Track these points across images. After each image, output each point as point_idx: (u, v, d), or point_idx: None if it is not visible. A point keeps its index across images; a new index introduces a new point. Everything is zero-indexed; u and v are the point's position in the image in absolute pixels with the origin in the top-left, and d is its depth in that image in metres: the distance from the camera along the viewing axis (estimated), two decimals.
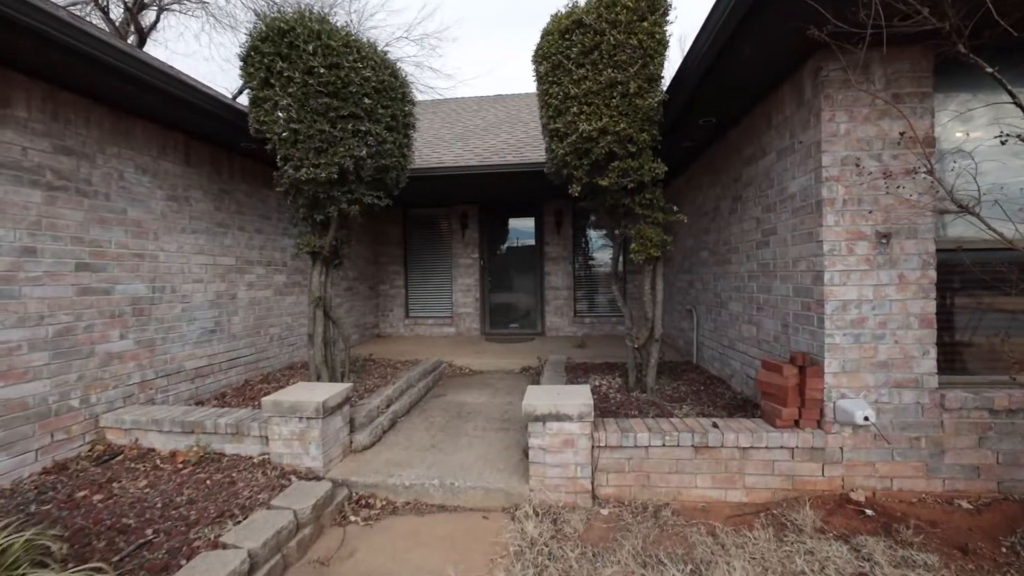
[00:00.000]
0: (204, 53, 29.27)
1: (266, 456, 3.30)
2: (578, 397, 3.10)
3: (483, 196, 8.23)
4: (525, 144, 7.11)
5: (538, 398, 3.10)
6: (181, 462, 3.22)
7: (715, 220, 4.94)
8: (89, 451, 3.36)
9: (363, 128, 3.96)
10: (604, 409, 3.82)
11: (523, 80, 31.27)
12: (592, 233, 8.53)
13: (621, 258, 4.74)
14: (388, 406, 4.41)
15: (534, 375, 6.02)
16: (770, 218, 3.67)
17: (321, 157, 3.82)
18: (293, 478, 3.08)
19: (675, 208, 3.74)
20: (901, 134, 2.71)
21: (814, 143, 3.01)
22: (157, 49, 10.41)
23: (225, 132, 4.40)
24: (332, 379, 4.75)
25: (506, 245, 8.89)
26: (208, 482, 2.96)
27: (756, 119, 3.86)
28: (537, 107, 4.09)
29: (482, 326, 8.62)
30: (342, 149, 3.86)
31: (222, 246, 4.82)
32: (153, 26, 11.64)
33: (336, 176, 3.90)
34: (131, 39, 10.71)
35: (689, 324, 5.89)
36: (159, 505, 2.65)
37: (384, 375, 5.37)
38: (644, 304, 4.15)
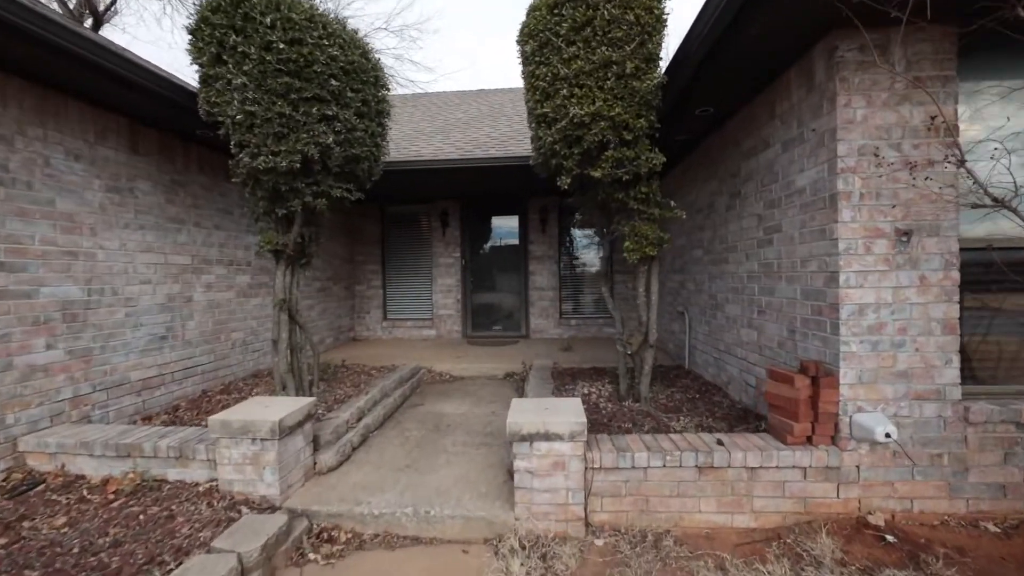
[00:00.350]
0: (168, 39, 27.60)
1: (214, 483, 2.89)
2: (569, 413, 2.77)
3: (465, 192, 7.86)
4: (509, 138, 6.77)
5: (524, 414, 2.76)
6: (113, 492, 2.79)
7: (710, 217, 4.68)
8: (3, 480, 2.90)
9: (330, 113, 3.56)
10: (595, 421, 3.51)
11: (506, 75, 30.84)
12: (578, 232, 8.24)
13: (611, 258, 4.43)
14: (359, 419, 4.02)
15: (518, 381, 5.69)
16: (774, 215, 3.40)
17: (281, 144, 3.41)
18: (244, 509, 2.68)
19: (672, 203, 3.44)
20: (933, 119, 2.45)
21: (828, 131, 2.73)
22: (117, 35, 9.74)
23: (178, 117, 3.95)
24: (299, 389, 4.34)
25: (489, 244, 8.54)
26: (141, 517, 2.54)
27: (757, 109, 3.59)
28: (522, 101, 3.77)
29: (464, 328, 8.25)
30: (305, 135, 3.46)
31: (175, 243, 4.36)
32: (109, 7, 10.89)
33: (299, 166, 3.49)
34: (87, 23, 10.02)
35: (680, 327, 5.63)
36: (75, 550, 2.23)
37: (358, 383, 4.97)
38: (637, 307, 3.85)
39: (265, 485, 2.80)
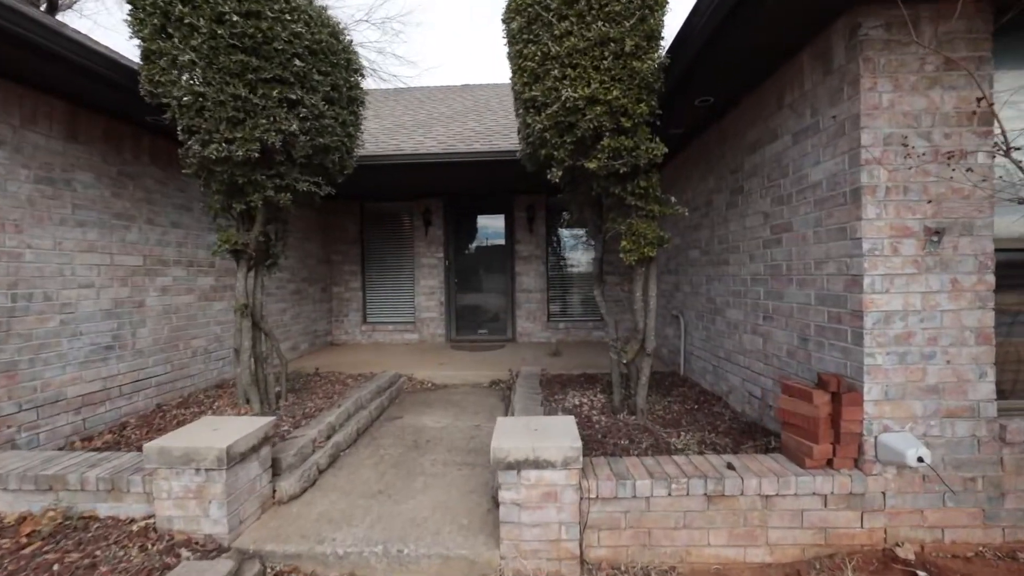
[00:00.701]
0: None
1: (151, 520, 2.49)
2: (562, 435, 2.44)
3: (448, 189, 7.50)
4: (494, 132, 6.43)
5: (511, 438, 2.42)
6: (29, 533, 2.38)
7: (708, 216, 4.40)
8: None
9: (294, 97, 3.19)
10: (588, 438, 3.19)
11: (493, 70, 30.36)
12: (567, 232, 7.93)
13: (603, 259, 4.13)
14: (329, 436, 3.64)
15: (505, 390, 5.35)
16: (782, 212, 3.12)
17: (237, 130, 3.03)
18: (184, 552, 2.30)
19: (673, 200, 3.14)
20: (979, 100, 2.17)
21: (849, 118, 2.45)
22: (79, 21, 9.14)
23: (125, 101, 3.49)
24: (263, 402, 3.95)
25: (474, 244, 8.18)
26: (56, 567, 2.14)
27: (763, 97, 3.31)
28: (510, 97, 3.43)
29: (447, 332, 7.88)
30: (265, 121, 3.08)
31: (123, 242, 3.92)
32: None
33: (258, 155, 3.12)
34: (43, 6, 9.40)
35: (675, 331, 5.35)
36: None
37: (331, 394, 4.58)
38: (633, 312, 3.54)
39: (211, 522, 2.41)
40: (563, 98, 2.69)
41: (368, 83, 4.59)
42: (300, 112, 3.25)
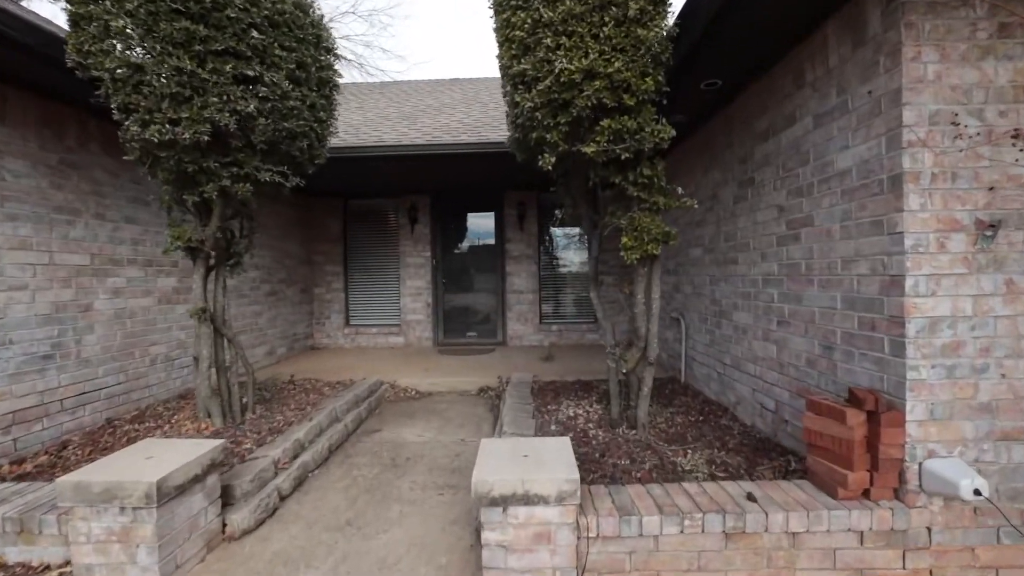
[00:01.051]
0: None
1: (67, 569, 2.10)
2: (556, 463, 2.09)
3: (435, 185, 7.13)
4: (483, 124, 6.06)
5: (496, 466, 2.06)
6: None
7: (713, 210, 4.07)
8: None
9: (251, 73, 2.81)
10: (585, 457, 2.85)
11: (483, 66, 29.84)
12: (559, 230, 7.59)
13: (598, 257, 3.78)
14: (296, 456, 3.26)
15: (493, 398, 4.99)
16: (801, 205, 2.79)
17: (183, 109, 2.64)
18: None
19: (680, 191, 2.79)
20: None
21: (887, 94, 2.12)
22: (46, 6, 8.59)
23: (64, 80, 3.06)
24: (226, 416, 3.58)
25: (462, 242, 7.82)
26: None
27: (777, 79, 2.98)
28: (500, 89, 3.08)
29: (434, 335, 7.50)
30: (217, 100, 2.69)
31: (65, 239, 3.51)
32: None
33: (208, 139, 2.72)
34: None
35: (674, 334, 5.02)
36: None
37: (304, 404, 4.19)
38: (634, 317, 3.20)
39: (139, 570, 2.03)
40: (557, 71, 2.32)
41: (355, 77, 4.24)
42: (259, 91, 2.86)
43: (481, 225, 7.74)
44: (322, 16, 3.49)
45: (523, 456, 2.17)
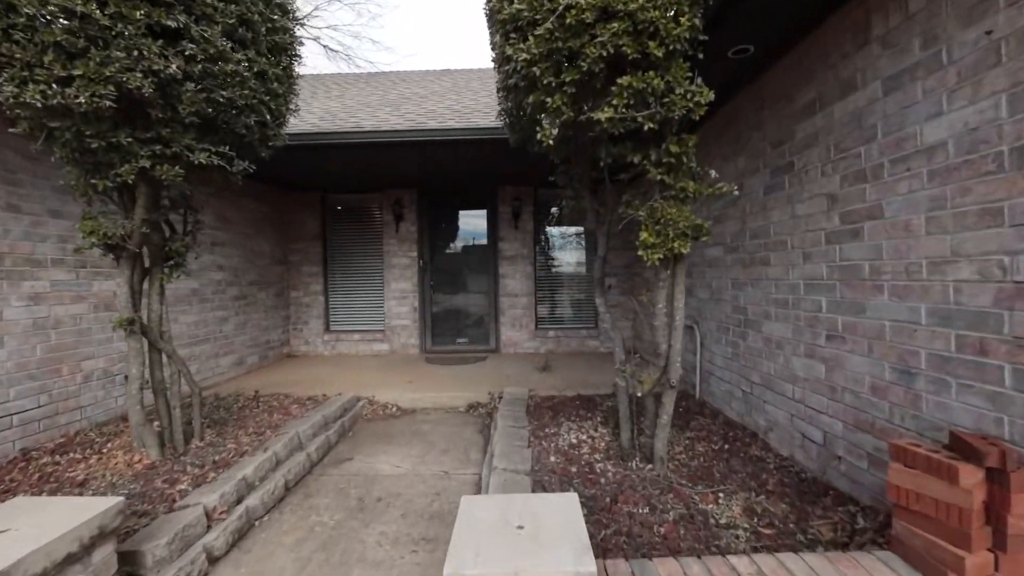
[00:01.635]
0: None
1: None
2: (561, 543, 1.51)
3: (422, 179, 6.53)
4: (473, 110, 5.47)
5: (477, 552, 1.48)
6: None
7: (736, 204, 3.52)
8: None
9: (171, 24, 2.21)
10: (594, 502, 2.33)
11: (474, 60, 29.15)
12: (555, 229, 7.03)
13: (604, 257, 3.22)
14: (240, 500, 2.67)
15: (484, 416, 4.41)
16: (864, 193, 2.23)
17: (75, 65, 2.03)
18: None
19: (714, 174, 2.23)
20: None
21: (1013, 34, 1.56)
22: None
23: None
24: (164, 445, 3.00)
25: (452, 241, 7.23)
26: None
27: (829, 37, 2.43)
28: (494, 80, 2.48)
29: (421, 342, 6.91)
30: (123, 55, 2.09)
31: None
32: None
33: (113, 105, 2.12)
34: None
35: (686, 344, 4.46)
36: None
37: (264, 428, 3.61)
38: (654, 329, 2.64)
39: None
40: (561, 7, 1.74)
41: (343, 69, 3.65)
42: (184, 48, 2.27)
43: (472, 223, 7.16)
44: None
45: (516, 528, 1.59)
